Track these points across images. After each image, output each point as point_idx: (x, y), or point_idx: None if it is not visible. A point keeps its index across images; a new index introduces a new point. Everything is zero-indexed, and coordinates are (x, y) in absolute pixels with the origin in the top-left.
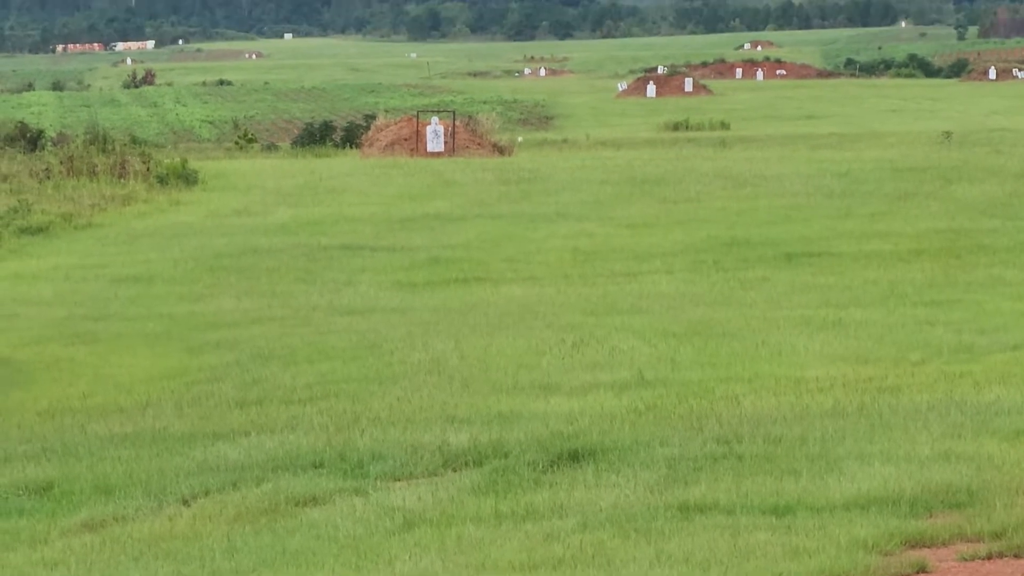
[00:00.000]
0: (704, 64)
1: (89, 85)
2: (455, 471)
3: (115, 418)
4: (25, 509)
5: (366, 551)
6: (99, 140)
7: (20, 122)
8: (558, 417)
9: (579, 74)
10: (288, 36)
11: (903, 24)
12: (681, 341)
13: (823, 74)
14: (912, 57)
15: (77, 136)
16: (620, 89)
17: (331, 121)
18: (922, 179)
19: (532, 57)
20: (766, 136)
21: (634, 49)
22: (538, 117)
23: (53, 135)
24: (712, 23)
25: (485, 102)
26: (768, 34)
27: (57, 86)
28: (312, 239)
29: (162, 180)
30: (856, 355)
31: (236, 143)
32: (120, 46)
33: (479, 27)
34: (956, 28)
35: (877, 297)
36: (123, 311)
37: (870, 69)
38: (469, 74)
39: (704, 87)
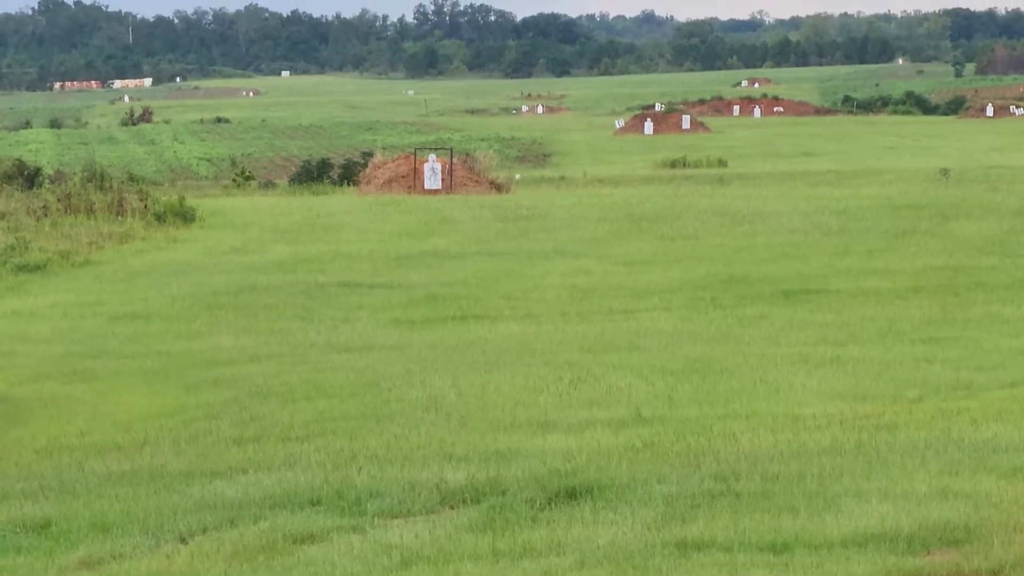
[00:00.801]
0: (702, 101)
1: (87, 123)
2: (452, 508)
3: (113, 456)
4: (23, 547)
5: None
6: (97, 178)
7: (18, 160)
8: (555, 454)
9: (576, 111)
10: (285, 74)
11: (900, 61)
12: (679, 378)
13: (821, 111)
14: (909, 94)
15: (75, 174)
16: (618, 126)
17: (328, 159)
18: (920, 216)
19: (530, 94)
20: (764, 173)
21: (632, 86)
22: (535, 154)
23: (51, 172)
24: (710, 60)
25: (483, 139)
26: (765, 71)
27: (55, 123)
28: (310, 276)
29: (160, 218)
30: (854, 392)
31: (234, 180)
32: (118, 84)
33: (476, 64)
34: (953, 65)
35: (875, 334)
36: (121, 349)
37: (868, 106)
38: (467, 111)
39: (702, 124)
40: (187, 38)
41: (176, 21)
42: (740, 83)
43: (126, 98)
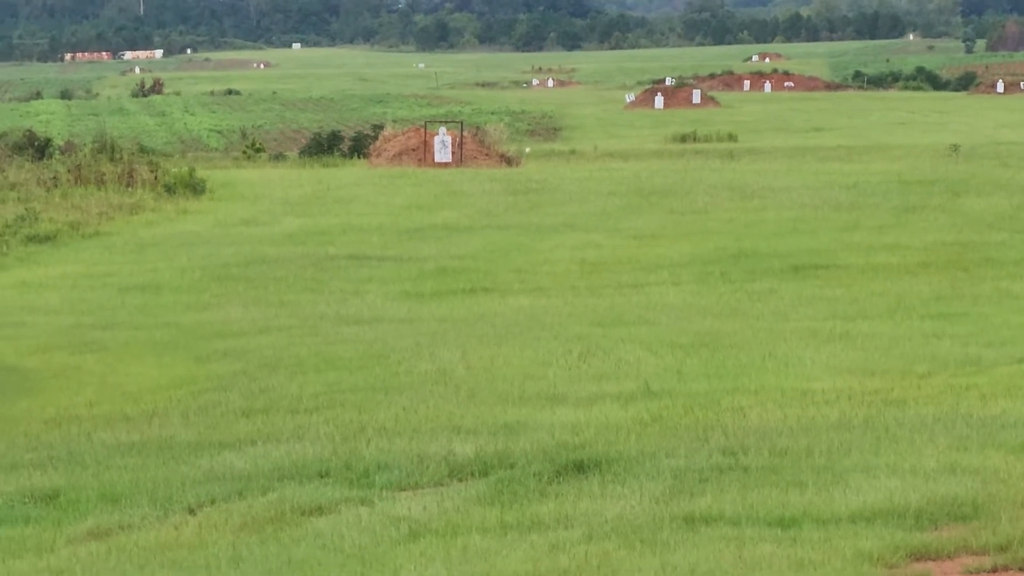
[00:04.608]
0: (712, 76)
1: (97, 94)
2: (461, 481)
3: (121, 427)
4: (31, 517)
5: (371, 561)
6: (107, 149)
7: (28, 130)
8: (564, 428)
9: (587, 85)
10: (296, 46)
11: (911, 37)
12: (687, 352)
13: (831, 86)
14: (920, 70)
15: (85, 145)
16: (628, 100)
17: (339, 131)
18: (930, 192)
19: (540, 68)
20: (774, 148)
21: (642, 60)
22: (546, 128)
23: (61, 143)
24: (720, 35)
25: (493, 113)
26: (776, 46)
27: (65, 95)
28: (319, 249)
29: (170, 189)
30: (862, 367)
31: (244, 152)
32: (128, 55)
33: (487, 38)
34: (964, 41)
35: (884, 309)
36: (130, 320)
37: (878, 82)
38: (477, 85)
39: (712, 99)
40: (198, 9)
41: None
42: (751, 58)
43: (137, 69)
